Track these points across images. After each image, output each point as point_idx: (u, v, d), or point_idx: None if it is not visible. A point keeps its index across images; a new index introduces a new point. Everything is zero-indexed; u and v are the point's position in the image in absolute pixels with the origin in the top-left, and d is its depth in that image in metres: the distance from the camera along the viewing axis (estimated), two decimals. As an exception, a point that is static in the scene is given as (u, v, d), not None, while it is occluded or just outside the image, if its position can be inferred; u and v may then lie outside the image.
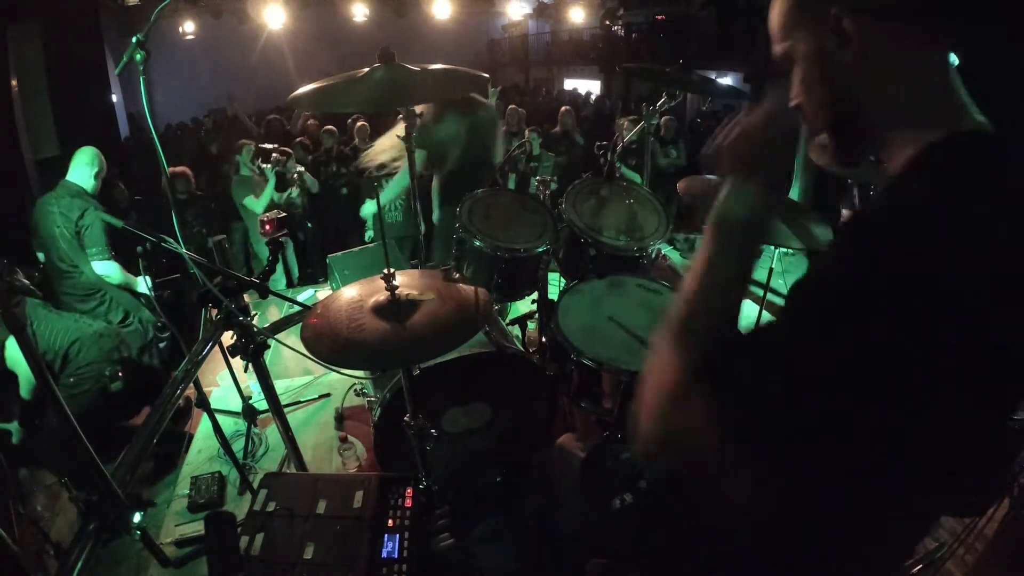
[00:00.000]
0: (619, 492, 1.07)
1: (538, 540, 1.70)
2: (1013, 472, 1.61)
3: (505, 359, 1.96)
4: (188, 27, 12.50)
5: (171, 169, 4.43)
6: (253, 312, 1.73)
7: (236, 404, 2.58)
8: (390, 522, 1.26)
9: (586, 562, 1.11)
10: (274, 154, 4.83)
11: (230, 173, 5.36)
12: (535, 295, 2.35)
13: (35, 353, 1.55)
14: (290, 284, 5.07)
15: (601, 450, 1.12)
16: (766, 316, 2.62)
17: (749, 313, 2.67)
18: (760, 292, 2.55)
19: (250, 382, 2.66)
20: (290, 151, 5.17)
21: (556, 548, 1.41)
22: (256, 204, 4.65)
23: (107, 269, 3.08)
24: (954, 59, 0.69)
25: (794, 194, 4.32)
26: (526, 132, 5.49)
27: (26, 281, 2.54)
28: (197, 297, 1.57)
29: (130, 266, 3.20)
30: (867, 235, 0.64)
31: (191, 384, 1.98)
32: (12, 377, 2.61)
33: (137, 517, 1.52)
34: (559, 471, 1.48)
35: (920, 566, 1.67)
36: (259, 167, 4.78)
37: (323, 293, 4.27)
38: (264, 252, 4.77)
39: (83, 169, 3.09)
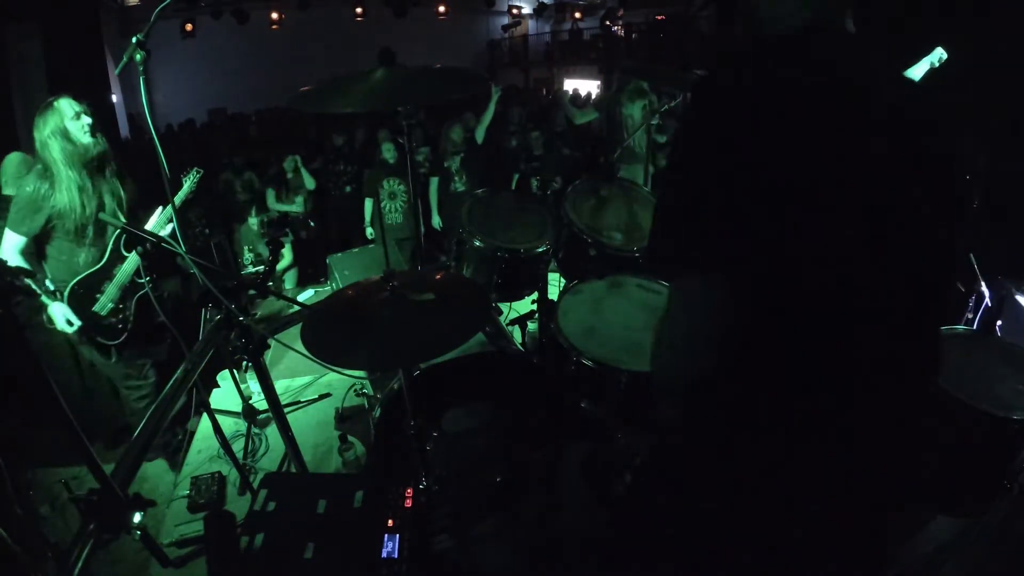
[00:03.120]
0: (619, 475, 1.08)
1: (540, 540, 1.70)
2: (1013, 472, 1.61)
3: (505, 359, 1.95)
4: (188, 27, 12.49)
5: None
6: (253, 311, 1.73)
7: (236, 404, 2.58)
8: (390, 522, 1.26)
9: (591, 559, 1.11)
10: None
11: (229, 175, 5.36)
12: (535, 295, 2.35)
13: (35, 352, 1.55)
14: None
15: (598, 441, 1.12)
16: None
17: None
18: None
19: (250, 382, 2.66)
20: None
21: (558, 547, 1.41)
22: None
23: None
24: (943, 54, 0.70)
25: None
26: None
27: (28, 281, 2.54)
28: (197, 297, 1.58)
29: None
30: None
31: (190, 384, 1.98)
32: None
33: (137, 517, 1.52)
34: (561, 469, 1.49)
35: (920, 566, 1.67)
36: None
37: (324, 293, 4.27)
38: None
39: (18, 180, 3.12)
